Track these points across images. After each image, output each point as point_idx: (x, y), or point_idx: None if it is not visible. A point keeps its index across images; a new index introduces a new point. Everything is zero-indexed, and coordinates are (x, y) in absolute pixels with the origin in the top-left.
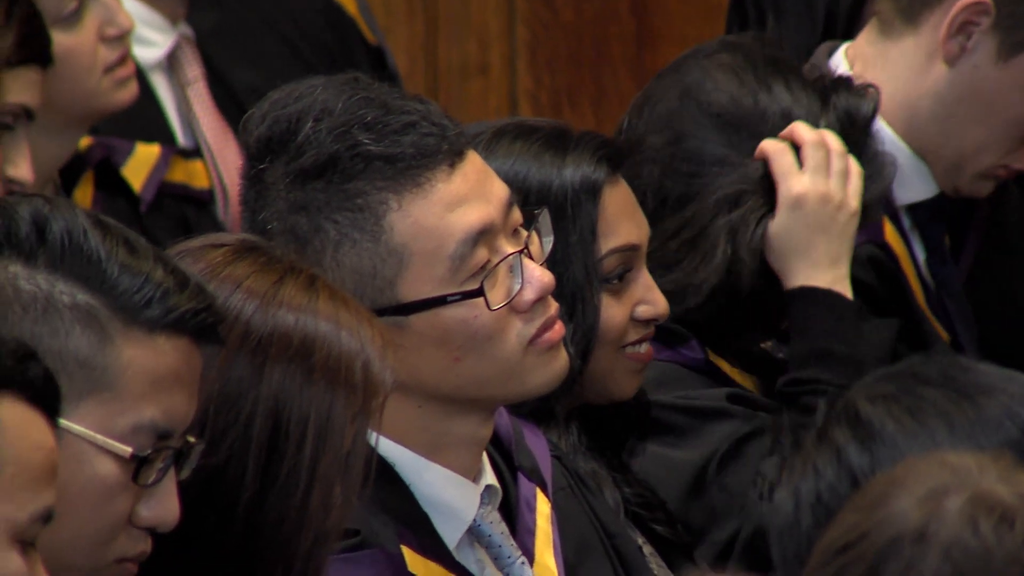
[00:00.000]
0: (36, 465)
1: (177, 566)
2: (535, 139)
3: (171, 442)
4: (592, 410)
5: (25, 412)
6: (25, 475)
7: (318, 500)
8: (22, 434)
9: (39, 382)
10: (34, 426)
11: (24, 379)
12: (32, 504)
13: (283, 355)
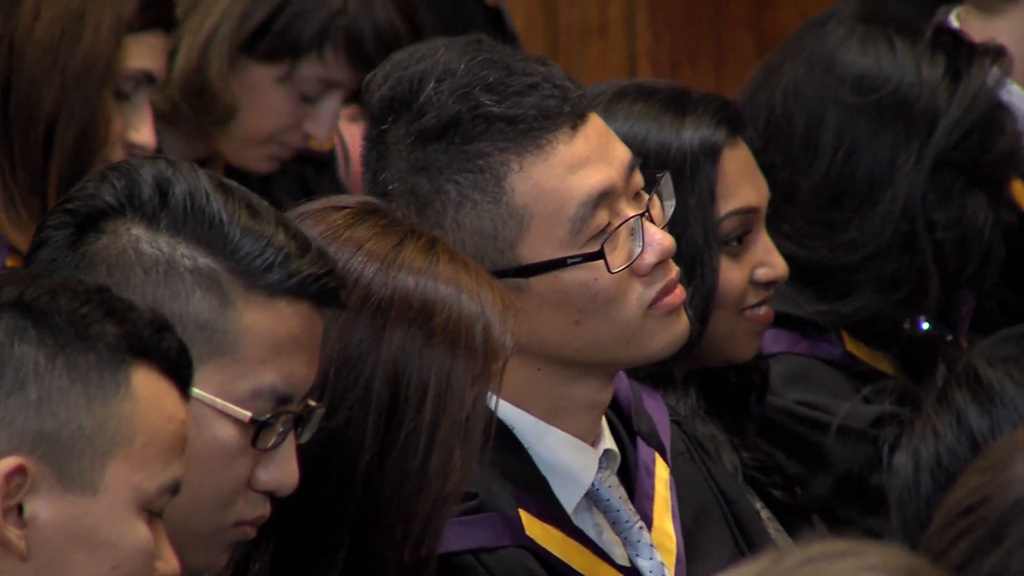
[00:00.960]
0: (167, 436)
1: (296, 530)
2: (654, 101)
3: (291, 406)
4: (711, 373)
5: (159, 383)
6: (156, 446)
7: (437, 463)
8: (155, 405)
9: (173, 353)
10: (167, 397)
11: (159, 350)
12: (161, 475)
13: (403, 318)
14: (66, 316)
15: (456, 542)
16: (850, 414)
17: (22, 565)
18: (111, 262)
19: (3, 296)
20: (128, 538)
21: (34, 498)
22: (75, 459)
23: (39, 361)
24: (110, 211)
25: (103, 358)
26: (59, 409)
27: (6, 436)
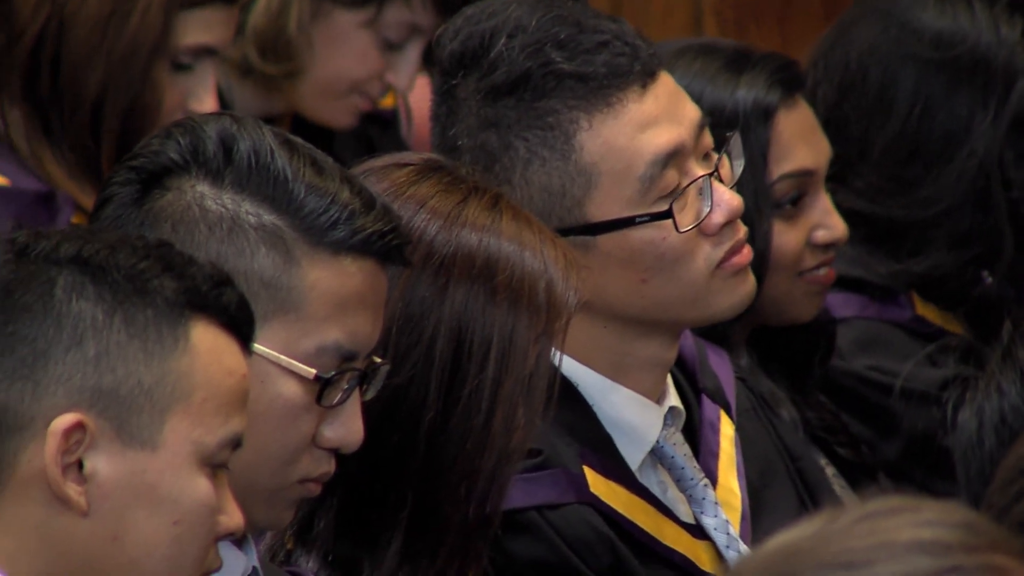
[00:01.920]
0: (227, 390)
1: (360, 487)
2: (714, 59)
3: (355, 363)
4: (771, 332)
5: (218, 337)
6: (215, 400)
7: (501, 421)
8: (214, 359)
9: (233, 308)
10: (227, 351)
11: (219, 304)
12: (222, 429)
13: (466, 275)
14: (124, 271)
15: (520, 499)
16: (918, 377)
17: (83, 521)
18: (176, 219)
19: (62, 252)
20: (188, 493)
21: (94, 454)
22: (134, 414)
23: (97, 317)
24: (175, 168)
25: (161, 313)
26: (117, 364)
27: (65, 392)
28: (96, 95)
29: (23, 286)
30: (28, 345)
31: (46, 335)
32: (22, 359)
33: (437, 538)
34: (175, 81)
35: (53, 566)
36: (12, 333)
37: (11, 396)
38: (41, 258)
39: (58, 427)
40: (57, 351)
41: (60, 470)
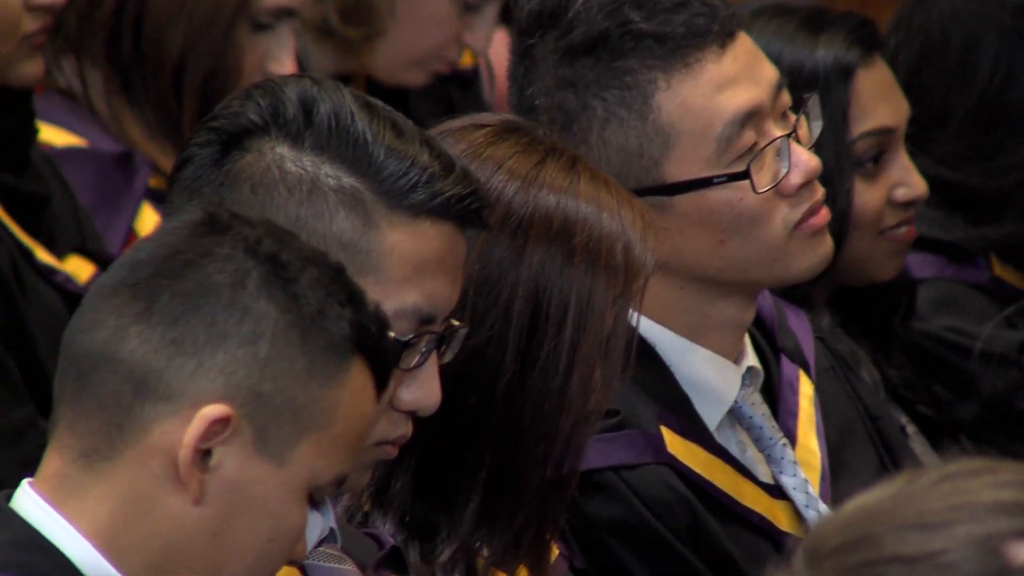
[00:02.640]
0: (355, 433)
1: (437, 449)
2: (791, 19)
3: (433, 327)
4: (851, 292)
5: (367, 380)
6: (346, 438)
7: (578, 382)
8: (359, 400)
9: (387, 354)
10: (368, 396)
11: (378, 347)
12: (337, 467)
13: (544, 237)
14: (314, 291)
15: (598, 459)
16: (996, 339)
17: (192, 509)
18: (255, 180)
19: (262, 248)
20: (290, 516)
21: (226, 449)
22: (276, 426)
23: (279, 324)
24: (255, 129)
25: (335, 342)
26: (280, 375)
27: (224, 383)
28: (178, 57)
29: (217, 265)
30: (205, 325)
31: (226, 322)
32: (195, 336)
33: (515, 499)
34: (255, 42)
35: (143, 541)
36: (193, 306)
37: (170, 365)
38: (241, 245)
39: (209, 414)
40: (232, 342)
41: (191, 453)
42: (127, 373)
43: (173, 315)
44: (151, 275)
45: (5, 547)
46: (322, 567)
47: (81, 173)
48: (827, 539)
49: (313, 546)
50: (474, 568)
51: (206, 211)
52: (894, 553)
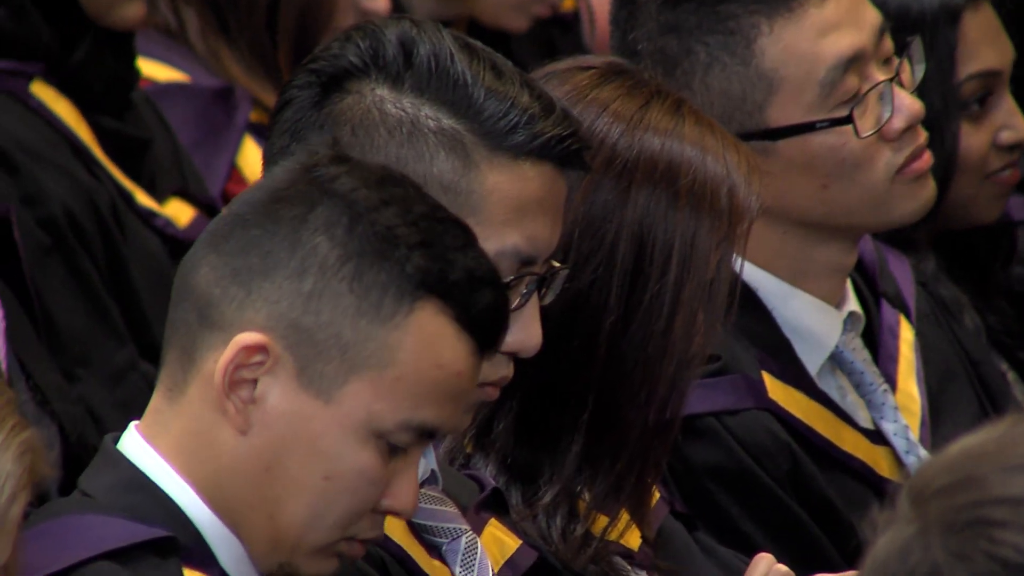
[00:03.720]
0: (428, 380)
1: (540, 391)
2: None
3: (534, 268)
4: (952, 236)
5: (446, 328)
6: (411, 385)
7: (681, 325)
8: (428, 346)
9: (479, 308)
10: (448, 345)
11: (463, 298)
12: (406, 413)
13: (648, 180)
14: (379, 228)
15: (699, 404)
16: None
17: (242, 440)
18: (355, 122)
19: (338, 184)
20: (348, 457)
21: (269, 380)
22: (321, 362)
23: (329, 258)
24: (355, 71)
25: (392, 281)
26: (324, 309)
27: (267, 313)
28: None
29: (289, 200)
30: (260, 256)
31: (280, 254)
32: (250, 266)
33: (617, 442)
34: None
35: (208, 474)
36: (256, 237)
37: (225, 295)
38: (319, 181)
39: (240, 341)
40: (279, 273)
41: (227, 381)
42: (195, 302)
43: (241, 246)
44: (242, 211)
45: (113, 489)
46: (423, 508)
47: (182, 109)
48: (932, 481)
49: None
50: (576, 511)
51: (313, 150)
52: (1000, 494)
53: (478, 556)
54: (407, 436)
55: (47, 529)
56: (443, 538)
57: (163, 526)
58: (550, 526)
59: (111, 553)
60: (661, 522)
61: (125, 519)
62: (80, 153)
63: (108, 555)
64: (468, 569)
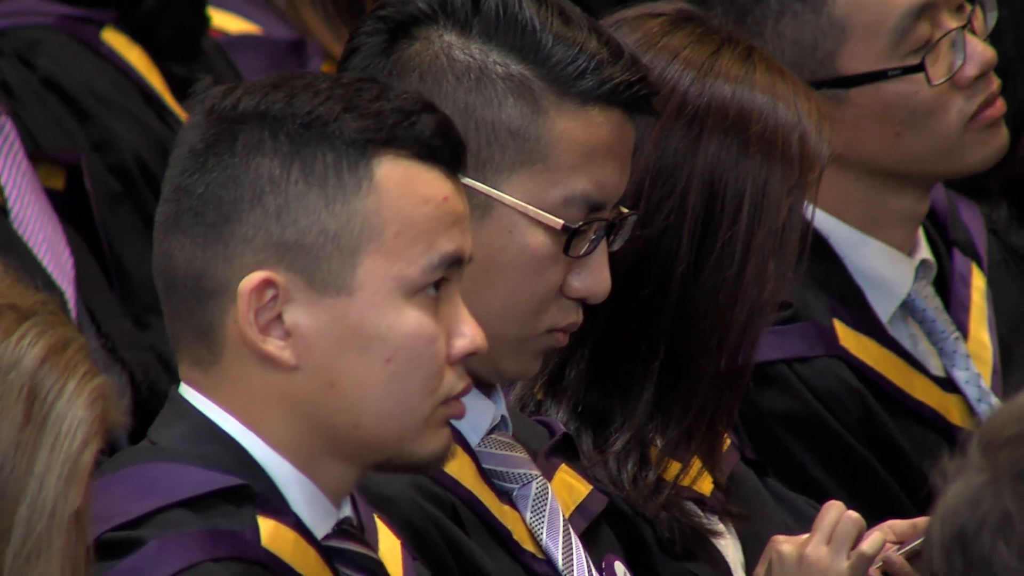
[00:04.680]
0: (424, 218)
1: (612, 338)
2: None
3: (602, 214)
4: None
5: (409, 168)
6: (411, 231)
7: (752, 273)
8: (405, 191)
9: (427, 135)
10: (420, 180)
11: (408, 135)
12: (424, 257)
13: (719, 127)
14: (301, 119)
15: (770, 352)
16: None
17: (296, 375)
18: (423, 68)
19: (241, 107)
20: (396, 328)
21: (291, 308)
22: (323, 263)
23: (273, 171)
24: (423, 17)
25: (341, 155)
26: (299, 216)
27: (251, 252)
28: None
29: (209, 147)
30: (215, 208)
31: (229, 196)
32: (212, 224)
33: (689, 389)
34: None
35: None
36: (202, 196)
37: (207, 262)
38: (225, 117)
39: (245, 287)
40: (240, 211)
41: (257, 329)
42: (184, 286)
43: (194, 213)
44: (177, 184)
45: (185, 438)
46: (493, 454)
47: (253, 60)
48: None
49: (484, 433)
50: (647, 457)
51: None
52: None
53: (548, 501)
54: (438, 272)
55: (120, 478)
56: (514, 484)
57: (236, 474)
58: (621, 472)
59: (185, 501)
60: (732, 468)
61: (199, 467)
62: (151, 100)
63: (182, 503)
64: (539, 514)
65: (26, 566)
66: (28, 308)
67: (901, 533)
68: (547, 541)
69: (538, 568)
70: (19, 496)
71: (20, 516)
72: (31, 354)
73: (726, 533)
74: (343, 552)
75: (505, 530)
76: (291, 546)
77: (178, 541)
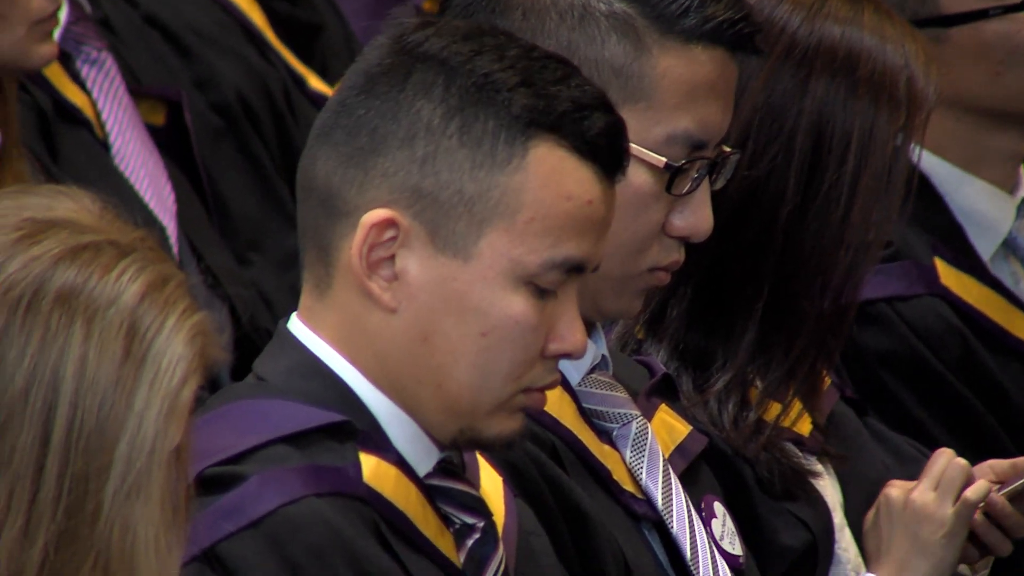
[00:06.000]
0: (560, 214)
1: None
2: None
3: (705, 152)
4: None
5: (565, 160)
6: (545, 222)
7: (858, 215)
8: (552, 181)
9: (593, 133)
10: (571, 175)
11: (575, 128)
12: (548, 252)
13: (828, 68)
14: (477, 78)
15: (871, 291)
16: None
17: (393, 319)
18: (526, 6)
19: (427, 47)
20: (500, 307)
21: (406, 253)
22: (451, 221)
23: (433, 119)
24: None
25: (502, 126)
26: (442, 169)
27: (387, 188)
28: None
29: (384, 75)
30: (369, 135)
31: (385, 128)
32: (361, 146)
33: (792, 330)
34: None
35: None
36: (360, 118)
37: (344, 182)
38: (408, 50)
39: (368, 221)
40: (390, 146)
41: (366, 264)
42: (318, 197)
43: (348, 130)
44: (343, 97)
45: (289, 373)
46: (593, 394)
47: None
48: None
49: (585, 373)
50: (747, 398)
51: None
52: None
53: (648, 441)
54: (554, 275)
55: (223, 413)
56: (614, 423)
57: (339, 410)
58: (721, 412)
59: (288, 437)
60: (831, 408)
61: (302, 403)
62: (253, 37)
63: (285, 439)
64: (638, 454)
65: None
66: (128, 244)
67: (1001, 473)
68: (647, 481)
69: (637, 508)
70: (119, 433)
71: (120, 453)
72: (131, 290)
73: (825, 473)
74: (444, 490)
75: (605, 470)
76: (392, 483)
77: (280, 476)
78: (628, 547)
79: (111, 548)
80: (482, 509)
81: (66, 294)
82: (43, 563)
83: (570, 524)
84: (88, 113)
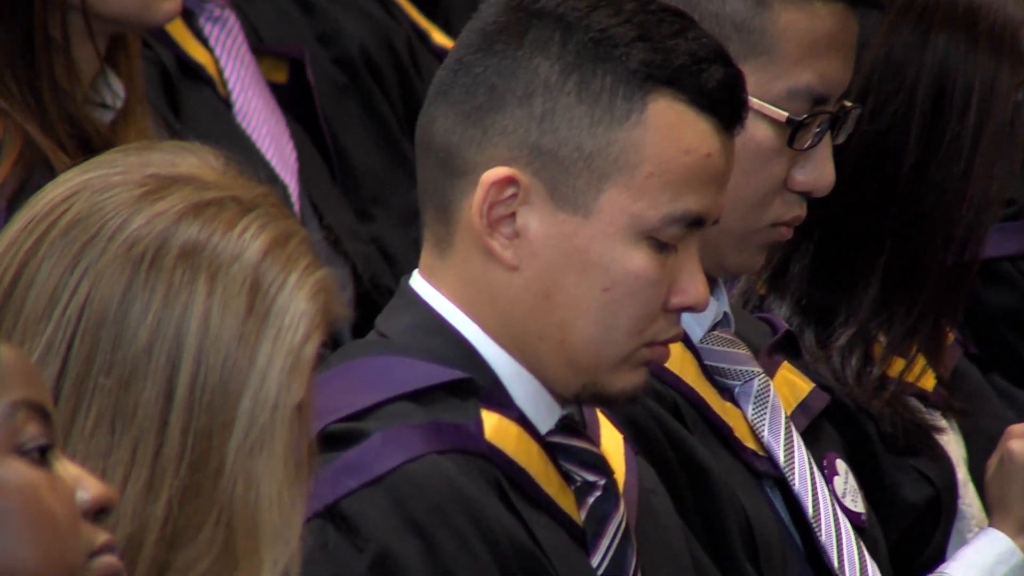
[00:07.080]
0: (679, 168)
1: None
2: None
3: (827, 107)
4: None
5: (684, 114)
6: (665, 176)
7: (980, 169)
8: (671, 135)
9: (711, 86)
10: (690, 129)
11: (693, 81)
12: (668, 206)
13: (948, 23)
14: (594, 33)
15: (994, 248)
16: None
17: (515, 276)
18: None
19: (541, 2)
20: (621, 263)
21: (526, 210)
22: (571, 178)
23: (551, 76)
24: None
25: (620, 81)
26: (560, 126)
27: (506, 146)
28: None
29: (500, 32)
30: (487, 93)
31: (503, 86)
32: (479, 105)
33: (915, 286)
34: None
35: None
36: (478, 76)
37: (463, 140)
38: (524, 7)
39: (488, 179)
40: (508, 103)
41: (487, 222)
42: (437, 155)
43: (466, 89)
44: (460, 55)
45: (412, 331)
46: (715, 351)
47: None
48: None
49: (707, 330)
50: (871, 354)
51: None
52: None
53: (770, 398)
54: (675, 229)
55: (346, 370)
56: (735, 380)
57: (461, 368)
58: (844, 368)
59: (410, 394)
60: (955, 364)
61: (424, 360)
62: None
63: (407, 396)
64: (760, 411)
65: (249, 458)
66: (250, 200)
67: None
68: (768, 438)
69: (759, 465)
70: (242, 388)
71: (243, 408)
72: (253, 246)
73: (949, 429)
74: (566, 447)
75: (726, 427)
76: (514, 440)
77: (402, 433)
78: (750, 504)
79: (234, 503)
80: (603, 467)
81: (189, 250)
82: (167, 518)
83: (691, 481)
84: (211, 71)
